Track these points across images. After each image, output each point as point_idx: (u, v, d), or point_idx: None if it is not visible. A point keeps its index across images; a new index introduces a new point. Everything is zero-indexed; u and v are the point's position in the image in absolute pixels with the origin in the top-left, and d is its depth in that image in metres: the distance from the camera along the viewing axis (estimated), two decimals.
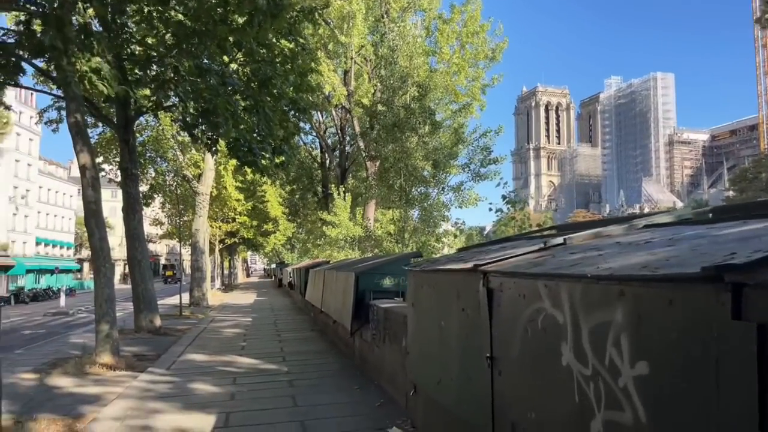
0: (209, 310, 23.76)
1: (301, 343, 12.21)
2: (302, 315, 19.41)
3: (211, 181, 26.35)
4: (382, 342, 7.59)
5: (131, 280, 15.92)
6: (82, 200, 11.07)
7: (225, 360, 10.14)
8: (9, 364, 11.22)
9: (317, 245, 37.14)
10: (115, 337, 10.84)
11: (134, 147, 16.02)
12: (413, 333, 5.14)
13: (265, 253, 77.14)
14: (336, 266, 13.22)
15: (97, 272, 10.87)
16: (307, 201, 47.46)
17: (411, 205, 16.84)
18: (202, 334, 14.52)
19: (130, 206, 15.66)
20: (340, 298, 9.89)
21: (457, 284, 4.01)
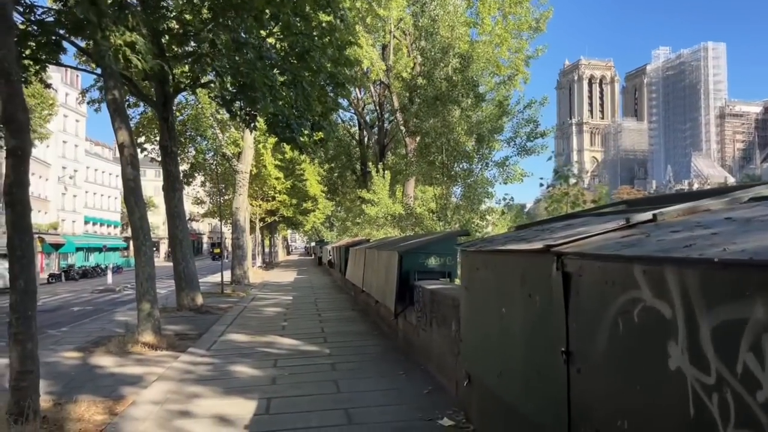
0: (250, 288, 23.85)
1: (342, 323, 11.94)
2: (342, 294, 19.21)
3: (250, 159, 26.28)
4: (428, 325, 7.19)
5: (172, 259, 15.94)
6: (121, 178, 10.96)
7: (265, 341, 9.94)
8: (54, 342, 11.33)
9: (356, 223, 36.97)
10: (156, 316, 10.76)
11: (173, 125, 15.91)
12: (467, 319, 4.70)
13: (305, 231, 77.72)
14: (377, 245, 12.85)
15: (138, 251, 10.78)
16: (346, 179, 47.26)
17: (453, 181, 16.27)
18: (243, 313, 14.43)
19: (171, 184, 15.61)
20: (383, 278, 9.52)
21: (522, 267, 3.54)
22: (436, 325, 6.78)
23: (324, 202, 45.31)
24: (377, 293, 10.15)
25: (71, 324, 15.95)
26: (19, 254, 5.67)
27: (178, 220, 15.66)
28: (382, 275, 9.60)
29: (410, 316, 8.27)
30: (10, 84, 5.56)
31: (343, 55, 15.25)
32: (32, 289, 5.82)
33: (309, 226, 60.83)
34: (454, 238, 8.58)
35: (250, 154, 26.03)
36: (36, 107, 37.79)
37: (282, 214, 42.18)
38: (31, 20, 12.55)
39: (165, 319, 14.05)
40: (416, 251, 8.26)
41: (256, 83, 10.89)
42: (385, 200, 27.41)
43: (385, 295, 9.20)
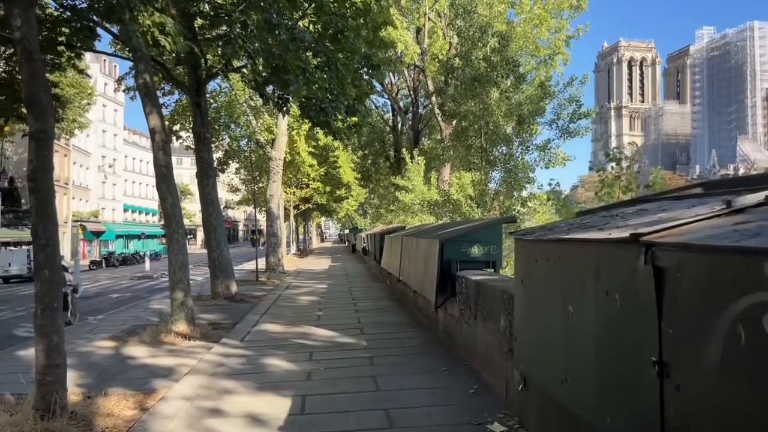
0: (285, 276, 23.72)
1: (379, 313, 11.54)
2: (377, 282, 18.84)
3: (284, 146, 26.05)
4: (472, 319, 6.71)
5: (206, 246, 15.81)
6: (153, 164, 10.75)
7: (300, 331, 9.62)
8: (90, 330, 11.26)
9: (390, 210, 36.59)
10: (189, 305, 10.56)
11: (206, 110, 15.69)
12: (523, 316, 4.21)
13: (339, 218, 77.80)
14: (415, 232, 12.38)
15: (170, 238, 10.57)
16: (379, 166, 46.83)
17: (492, 166, 15.64)
18: (277, 302, 14.19)
19: (204, 171, 15.43)
20: (422, 268, 9.06)
21: (596, 259, 3.02)
22: (482, 320, 6.30)
23: (357, 189, 45.04)
24: (415, 283, 9.71)
25: (108, 311, 16.03)
26: (43, 242, 5.40)
27: (212, 208, 15.50)
28: (421, 264, 9.14)
29: (452, 309, 7.80)
30: (31, 63, 5.27)
31: (378, 37, 14.75)
32: (57, 279, 5.56)
33: (343, 214, 60.78)
34: (498, 226, 8.05)
35: (283, 140, 25.79)
36: (75, 97, 38.32)
37: (316, 202, 42.04)
38: (63, 5, 12.43)
39: (199, 308, 13.93)
40: (458, 239, 7.77)
41: (289, 65, 10.48)
42: (419, 187, 26.88)
43: (424, 286, 8.75)
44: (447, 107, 17.91)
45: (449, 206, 17.18)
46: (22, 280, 34.63)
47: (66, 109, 37.94)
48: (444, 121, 28.57)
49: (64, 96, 36.52)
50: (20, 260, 35.05)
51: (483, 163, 15.70)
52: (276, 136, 25.65)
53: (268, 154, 25.95)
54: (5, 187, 45.82)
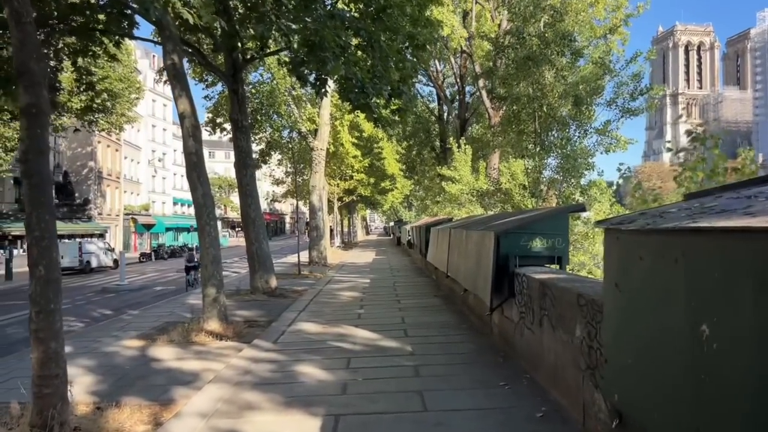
0: (327, 269, 23.04)
1: (425, 312, 10.57)
2: (423, 277, 17.87)
3: (326, 137, 25.31)
4: (536, 325, 5.68)
5: (245, 239, 15.20)
6: (183, 152, 10.08)
7: (339, 332, 8.76)
8: (120, 327, 10.74)
9: (436, 202, 35.53)
10: (222, 302, 9.87)
11: (244, 97, 15.03)
12: (619, 331, 3.19)
13: (383, 211, 77.11)
14: (463, 224, 11.34)
15: (202, 231, 9.89)
16: (424, 157, 45.73)
17: (548, 152, 14.39)
18: (317, 298, 13.42)
19: (242, 161, 14.79)
20: (473, 263, 8.05)
21: (752, 258, 2.00)
22: (549, 327, 5.27)
23: (402, 181, 44.08)
24: (466, 280, 8.70)
25: (147, 305, 15.65)
26: (38, 235, 4.69)
27: (250, 199, 14.86)
28: (472, 260, 8.13)
29: (509, 311, 6.77)
30: (21, 28, 4.55)
31: (423, 16, 13.74)
32: (55, 277, 4.85)
33: (387, 206, 60.00)
34: (564, 216, 6.95)
35: (326, 131, 25.05)
36: (124, 91, 38.69)
37: (360, 194, 41.32)
38: None
39: (236, 304, 13.32)
40: (517, 231, 6.72)
41: (326, 42, 9.61)
42: (466, 177, 25.75)
43: (476, 284, 7.74)
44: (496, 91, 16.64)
45: (499, 196, 16.01)
46: (73, 272, 35.28)
47: (115, 104, 38.47)
48: (493, 108, 27.28)
49: (113, 90, 37.07)
50: (71, 252, 35.69)
51: (537, 149, 14.44)
52: (318, 126, 24.94)
53: (310, 145, 25.28)
54: (59, 182, 46.95)
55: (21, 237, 43.98)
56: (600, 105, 14.83)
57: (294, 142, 28.98)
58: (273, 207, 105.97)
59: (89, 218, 51.49)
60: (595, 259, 13.68)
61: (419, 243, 20.61)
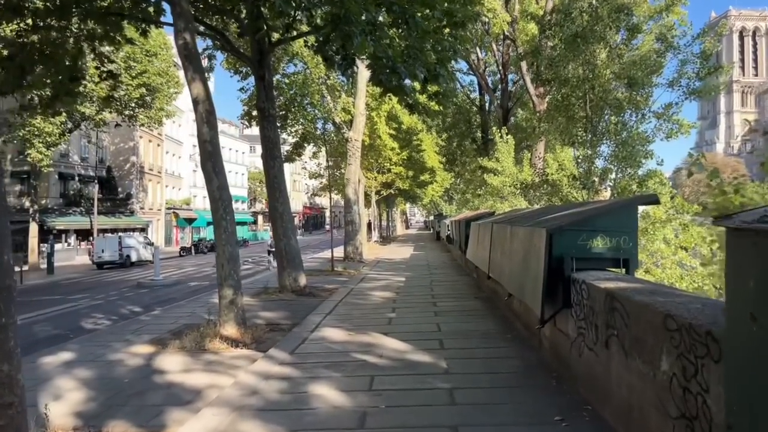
0: (362, 265, 22.10)
1: (463, 318, 9.45)
2: (462, 275, 16.71)
3: (362, 127, 24.34)
4: (600, 345, 4.55)
5: (273, 235, 14.41)
6: (197, 139, 9.24)
7: (365, 341, 7.76)
8: (135, 330, 10.03)
9: (477, 195, 34.20)
10: (240, 304, 9.02)
11: (271, 84, 14.18)
12: (759, 388, 2.09)
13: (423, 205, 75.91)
14: (507, 219, 10.17)
15: (217, 226, 9.05)
16: (465, 148, 44.32)
17: (601, 138, 13.00)
18: (347, 298, 12.47)
19: (269, 152, 13.96)
20: (520, 265, 6.91)
21: None
22: (620, 351, 4.13)
23: (442, 174, 42.79)
24: (511, 283, 7.57)
25: (178, 301, 15.11)
26: None
27: (278, 192, 14.02)
28: (519, 260, 6.99)
29: (564, 323, 5.64)
30: None
31: None
32: (7, 285, 3.99)
33: (427, 200, 58.75)
34: (632, 209, 5.74)
35: (361, 121, 24.08)
36: (162, 86, 38.69)
37: (398, 187, 40.24)
38: None
39: (262, 303, 12.52)
40: (574, 229, 5.57)
41: (352, 15, 8.60)
42: (509, 168, 24.44)
43: (523, 289, 6.61)
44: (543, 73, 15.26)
45: (546, 188, 14.68)
46: (114, 266, 35.51)
47: (154, 98, 38.51)
48: (538, 96, 25.78)
49: (151, 85, 37.06)
50: (112, 247, 35.93)
51: (589, 136, 13.06)
52: (353, 116, 24.00)
53: (345, 136, 24.36)
54: (102, 176, 47.60)
55: (66, 231, 44.83)
56: (659, 87, 13.34)
57: (328, 133, 28.13)
58: (313, 201, 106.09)
59: (131, 213, 52.12)
60: (653, 257, 12.27)
61: (459, 238, 19.45)
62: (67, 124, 35.78)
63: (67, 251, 44.41)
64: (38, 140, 32.34)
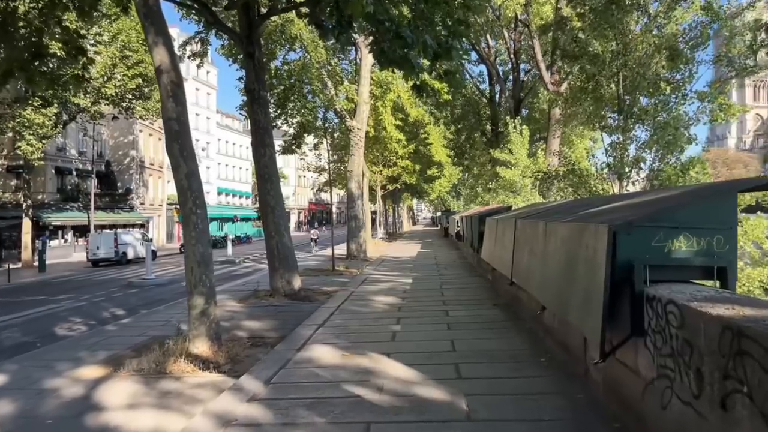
0: (366, 264, 20.54)
1: (482, 332, 7.86)
2: (475, 277, 15.11)
3: (365, 117, 22.74)
4: (708, 402, 2.98)
5: (264, 231, 12.89)
6: (162, 116, 7.71)
7: (362, 366, 6.21)
8: (91, 345, 8.52)
9: (488, 189, 32.57)
10: (213, 316, 7.49)
11: (261, 63, 12.63)
12: None
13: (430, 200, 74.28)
14: (535, 213, 8.56)
15: (186, 221, 7.52)
16: (474, 141, 42.67)
17: (637, 121, 11.32)
18: (345, 304, 10.91)
19: (259, 137, 12.44)
20: (560, 271, 5.33)
21: None
22: (751, 418, 2.57)
23: (450, 169, 41.09)
24: (546, 295, 5.98)
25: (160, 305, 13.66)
26: None
27: (269, 184, 12.49)
28: (558, 265, 5.41)
29: (631, 355, 4.06)
30: None
31: None
32: None
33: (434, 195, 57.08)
34: (730, 198, 4.14)
35: (365, 110, 22.48)
36: None
37: (404, 182, 38.59)
38: None
39: (248, 310, 11.01)
40: (648, 224, 3.98)
41: None
42: (523, 160, 22.91)
43: (566, 304, 5.03)
44: (566, 51, 13.52)
45: (571, 179, 13.02)
46: (110, 263, 34.15)
47: (152, 89, 37.06)
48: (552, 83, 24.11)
49: (148, 75, 35.57)
50: (107, 244, 34.55)
51: (620, 118, 11.39)
52: (357, 104, 22.41)
53: (347, 126, 22.78)
54: (101, 171, 46.28)
55: (63, 227, 43.53)
56: (703, 64, 11.65)
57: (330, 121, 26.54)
58: (319, 197, 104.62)
59: (131, 208, 50.79)
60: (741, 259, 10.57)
61: (470, 235, 17.87)
62: (61, 116, 34.46)
63: (64, 248, 43.12)
64: (28, 132, 30.94)
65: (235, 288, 15.32)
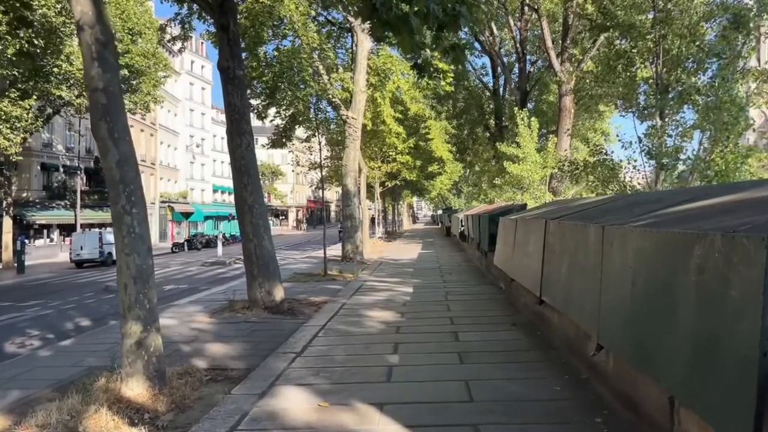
0: (362, 268, 18.76)
1: (506, 369, 5.96)
2: (484, 284, 13.31)
3: (362, 107, 20.96)
4: None
5: (240, 233, 11.12)
6: (86, 85, 5.91)
7: (344, 428, 4.43)
8: (8, 380, 6.74)
9: (493, 186, 30.87)
10: (154, 347, 5.72)
11: (237, 37, 10.85)
12: None
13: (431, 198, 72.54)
14: (574, 212, 6.75)
15: (117, 225, 5.73)
16: (477, 136, 40.90)
17: (681, 103, 9.53)
18: (333, 322, 9.12)
19: (235, 123, 10.69)
20: (642, 308, 3.55)
21: None
22: None
23: (452, 165, 39.28)
24: (618, 338, 4.19)
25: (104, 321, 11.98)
26: None
27: (246, 177, 10.72)
28: (637, 295, 3.63)
29: None
30: None
31: None
32: None
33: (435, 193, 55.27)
34: None
35: (361, 99, 20.70)
36: (149, 68, 35.47)
37: (404, 178, 36.78)
38: None
39: (219, 326, 9.24)
40: None
41: None
42: (532, 154, 21.25)
43: (655, 360, 3.25)
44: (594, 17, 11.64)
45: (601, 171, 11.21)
46: (94, 264, 32.43)
47: (140, 82, 35.35)
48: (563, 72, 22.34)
49: (135, 66, 33.78)
50: (91, 243, 32.78)
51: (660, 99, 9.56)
52: (353, 93, 20.63)
53: (342, 117, 20.99)
54: (90, 168, 44.48)
55: (48, 226, 41.78)
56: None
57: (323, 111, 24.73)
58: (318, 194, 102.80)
59: None
60: None
61: (477, 236, 16.12)
62: (45, 109, 32.69)
63: (50, 248, 41.42)
64: (5, 126, 29.12)
65: (212, 297, 13.54)
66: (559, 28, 27.71)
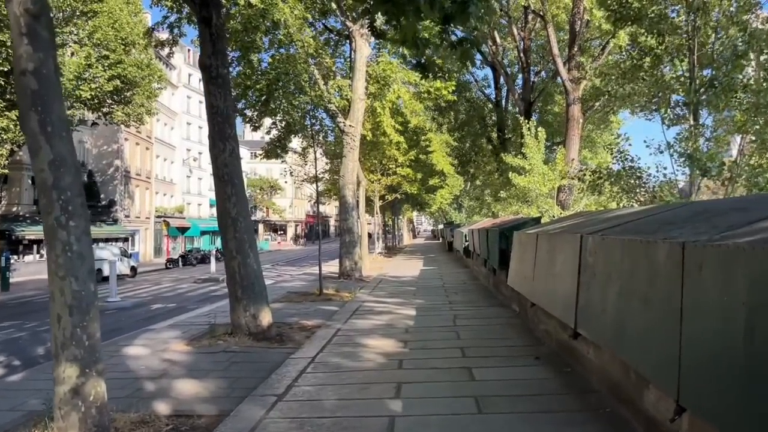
0: (360, 286, 17.55)
1: (537, 424, 4.84)
2: (495, 306, 12.08)
3: (360, 115, 19.90)
4: None
5: (223, 249, 9.94)
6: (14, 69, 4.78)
7: None
8: None
9: (498, 199, 29.82)
10: (93, 396, 4.52)
11: (221, 30, 9.79)
12: None
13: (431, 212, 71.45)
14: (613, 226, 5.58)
15: (50, 241, 4.57)
16: (480, 149, 39.92)
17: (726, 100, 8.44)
18: (324, 353, 7.91)
19: (217, 127, 9.58)
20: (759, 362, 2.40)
21: None
22: None
23: (453, 179, 38.20)
24: (719, 408, 3.04)
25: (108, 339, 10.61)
26: None
27: (230, 187, 9.58)
28: (750, 340, 2.49)
29: None
30: None
31: None
32: None
33: (435, 207, 54.17)
34: None
35: (360, 107, 19.65)
36: (142, 80, 34.55)
37: (405, 191, 35.67)
38: None
39: (194, 357, 8.02)
40: None
41: None
42: (539, 166, 20.29)
43: None
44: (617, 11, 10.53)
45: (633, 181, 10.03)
46: None
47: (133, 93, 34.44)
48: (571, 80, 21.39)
49: (127, 77, 32.85)
50: None
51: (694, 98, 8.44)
52: (351, 101, 19.59)
53: (340, 126, 19.93)
54: (83, 181, 43.24)
55: (39, 242, 40.57)
56: None
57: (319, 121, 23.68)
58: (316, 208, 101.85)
59: (115, 221, 47.84)
60: None
61: (485, 252, 14.95)
62: None
63: (40, 264, 40.13)
64: None
65: (194, 319, 12.32)
66: (564, 37, 26.87)
